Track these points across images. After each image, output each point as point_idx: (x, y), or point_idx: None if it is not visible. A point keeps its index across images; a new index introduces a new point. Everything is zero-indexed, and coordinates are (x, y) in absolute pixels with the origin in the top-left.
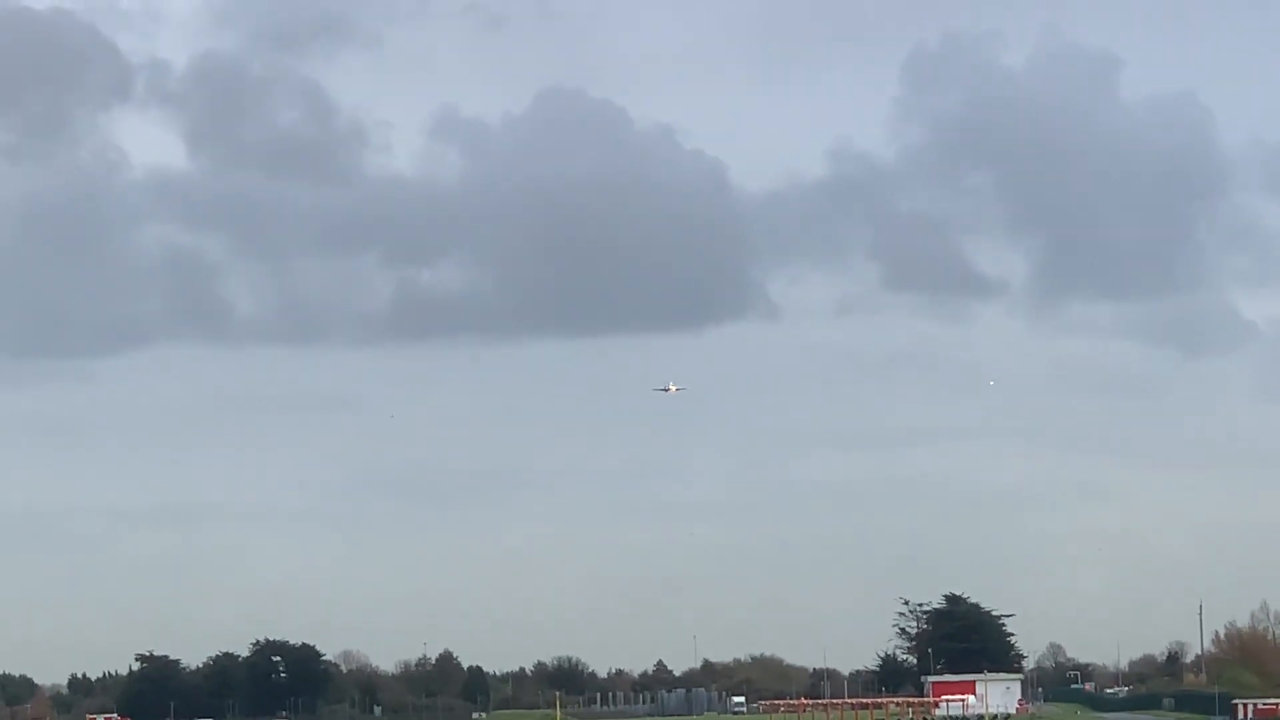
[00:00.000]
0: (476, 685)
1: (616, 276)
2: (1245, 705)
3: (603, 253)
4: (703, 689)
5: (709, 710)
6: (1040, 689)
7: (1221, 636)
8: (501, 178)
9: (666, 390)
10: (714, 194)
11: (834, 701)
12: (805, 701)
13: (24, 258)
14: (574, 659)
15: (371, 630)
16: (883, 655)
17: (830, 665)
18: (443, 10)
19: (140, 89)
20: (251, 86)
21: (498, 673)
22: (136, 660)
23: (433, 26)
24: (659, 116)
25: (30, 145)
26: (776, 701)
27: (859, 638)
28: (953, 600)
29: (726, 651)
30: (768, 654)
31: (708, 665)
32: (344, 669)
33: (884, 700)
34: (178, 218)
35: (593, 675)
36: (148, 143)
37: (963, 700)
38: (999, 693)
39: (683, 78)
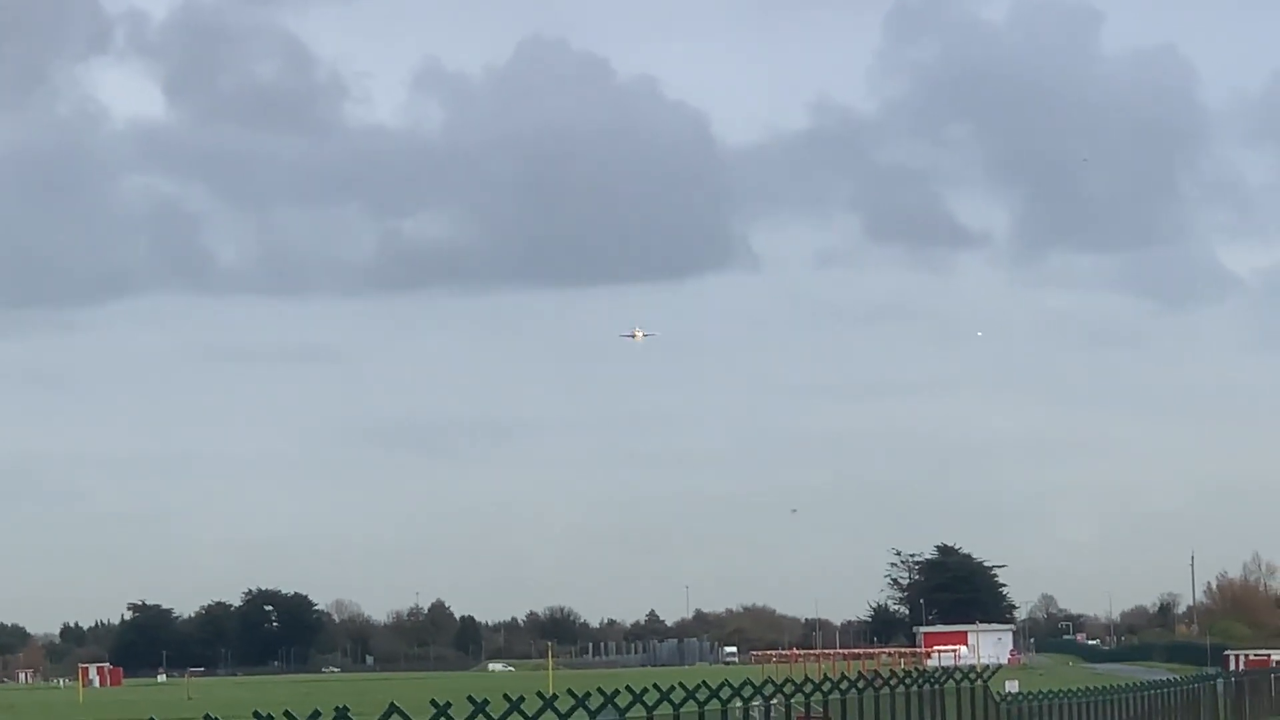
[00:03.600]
0: (469, 635)
1: (599, 227)
2: (1237, 656)
3: (585, 203)
4: (695, 639)
5: (701, 660)
6: (1032, 640)
7: (1213, 588)
8: (483, 128)
9: (633, 336)
10: (696, 145)
11: (826, 652)
12: (797, 652)
13: (4, 207)
14: (566, 609)
15: (364, 580)
16: (875, 606)
17: (822, 616)
18: None
19: (119, 40)
20: (231, 37)
21: (490, 623)
22: (128, 609)
23: None
24: (641, 68)
25: (9, 95)
26: (768, 652)
27: (851, 588)
28: (945, 551)
29: (718, 602)
30: (760, 604)
31: (700, 615)
32: (336, 619)
33: (876, 651)
34: (159, 168)
35: (585, 625)
36: (127, 93)
37: (954, 651)
38: (991, 643)
39: (665, 29)
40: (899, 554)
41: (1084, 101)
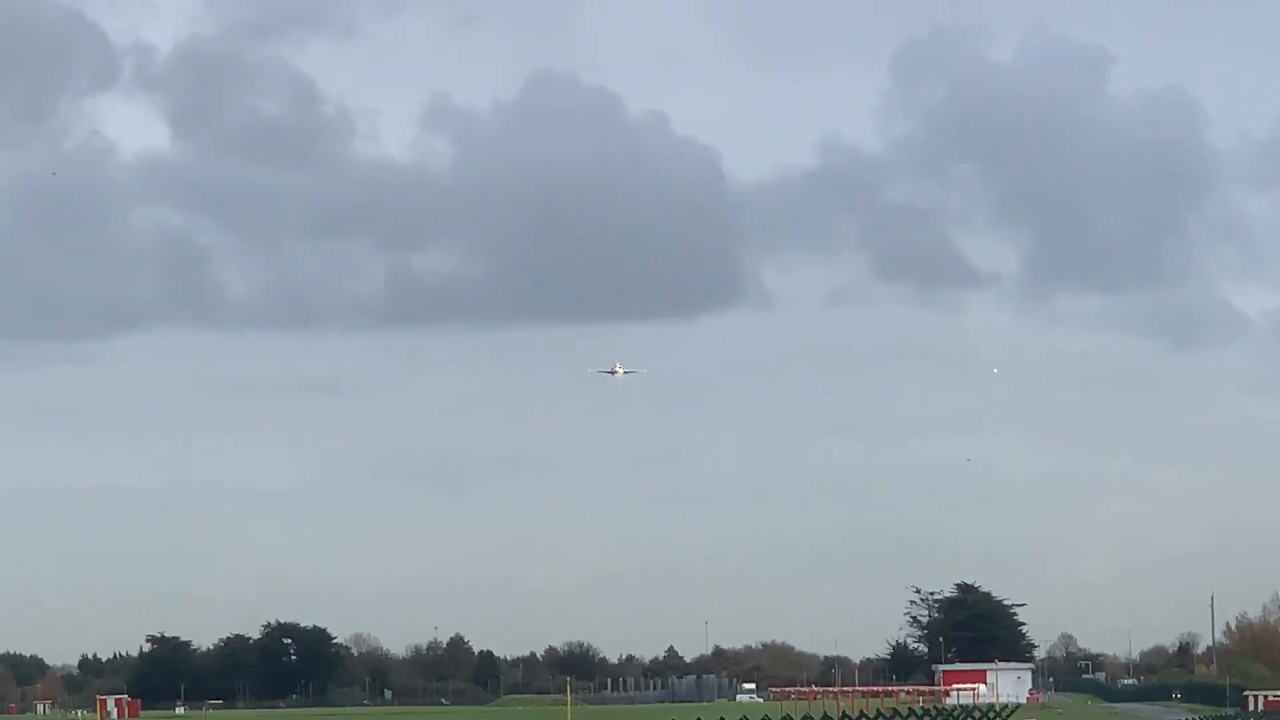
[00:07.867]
0: (487, 670)
1: (608, 263)
2: (1256, 696)
3: (595, 240)
4: (713, 676)
5: (719, 697)
6: (1051, 679)
7: (1233, 628)
8: (492, 164)
9: (613, 373)
10: (706, 182)
11: (845, 689)
12: (816, 689)
13: (14, 241)
14: (585, 644)
15: (382, 614)
16: (894, 643)
17: (841, 653)
18: None
19: (126, 73)
20: (237, 72)
21: (508, 657)
22: (147, 641)
23: (421, 11)
24: (651, 104)
25: (18, 129)
26: (787, 689)
27: (870, 626)
28: (964, 589)
29: (737, 638)
30: (779, 641)
31: (719, 652)
32: (355, 652)
33: (895, 689)
34: (167, 202)
35: (603, 661)
36: (135, 127)
37: (974, 689)
38: (1010, 682)
39: (675, 65)
40: (918, 592)
41: (1092, 142)
